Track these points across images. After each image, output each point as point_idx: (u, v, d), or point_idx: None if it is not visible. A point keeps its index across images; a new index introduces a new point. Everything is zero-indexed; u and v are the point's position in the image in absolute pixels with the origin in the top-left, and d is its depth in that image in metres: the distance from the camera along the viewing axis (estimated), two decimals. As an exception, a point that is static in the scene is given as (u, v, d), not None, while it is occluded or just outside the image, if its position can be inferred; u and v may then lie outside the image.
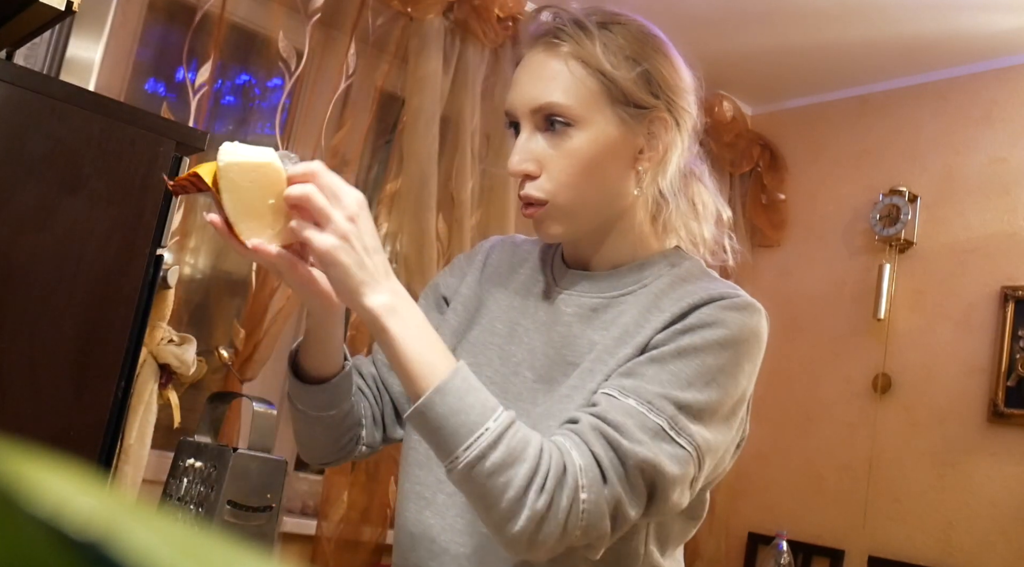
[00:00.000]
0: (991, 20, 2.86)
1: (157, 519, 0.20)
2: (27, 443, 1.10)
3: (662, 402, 0.90)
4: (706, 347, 0.93)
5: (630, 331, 0.98)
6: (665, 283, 1.02)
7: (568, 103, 0.98)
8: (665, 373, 0.92)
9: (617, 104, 0.99)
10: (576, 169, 0.98)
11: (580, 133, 0.98)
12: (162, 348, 2.00)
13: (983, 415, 2.86)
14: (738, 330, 0.95)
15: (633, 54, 1.01)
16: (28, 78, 1.28)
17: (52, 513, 0.19)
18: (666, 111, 1.02)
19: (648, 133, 1.01)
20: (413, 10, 2.73)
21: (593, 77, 0.98)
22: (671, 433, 0.90)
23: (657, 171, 1.03)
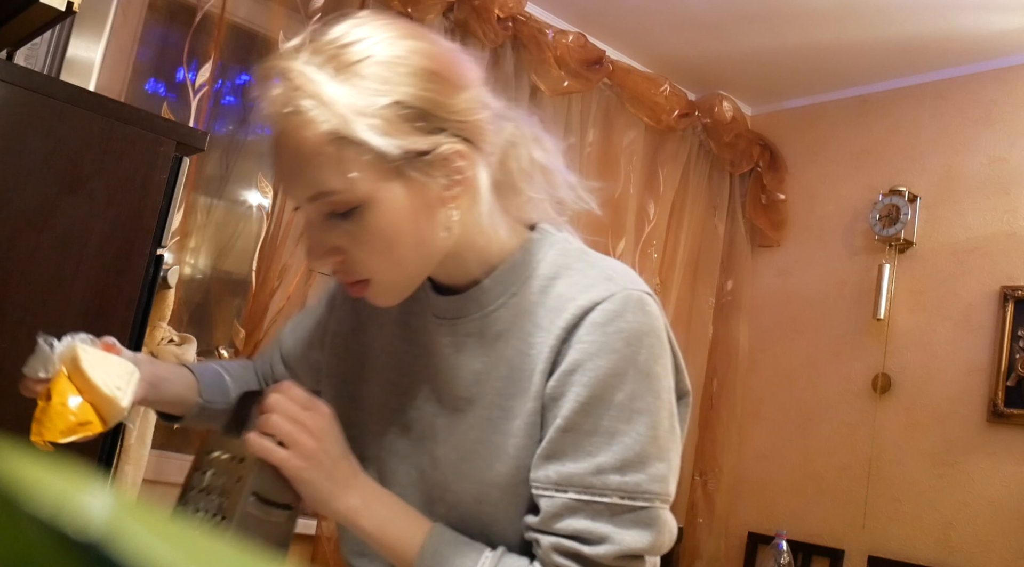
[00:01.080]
0: (991, 20, 2.86)
1: (157, 519, 0.20)
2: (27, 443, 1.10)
3: (599, 478, 0.84)
4: (604, 386, 0.85)
5: (516, 365, 0.90)
6: (535, 287, 0.92)
7: (342, 187, 0.82)
8: (583, 440, 0.85)
9: (400, 164, 0.83)
10: (381, 246, 0.86)
11: (370, 211, 0.84)
12: (162, 348, 2.00)
13: (983, 415, 2.86)
14: (625, 345, 0.86)
15: (392, 94, 0.83)
16: (28, 78, 1.28)
17: (52, 513, 0.19)
18: (454, 138, 0.86)
19: (445, 172, 0.86)
20: (413, 10, 2.73)
21: (358, 148, 0.82)
22: (626, 503, 0.85)
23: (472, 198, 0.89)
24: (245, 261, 2.54)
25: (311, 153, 0.82)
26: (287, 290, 2.49)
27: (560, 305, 0.89)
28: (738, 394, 3.45)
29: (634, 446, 0.85)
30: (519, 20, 2.96)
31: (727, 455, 3.42)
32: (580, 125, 3.18)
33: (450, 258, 0.92)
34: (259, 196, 2.64)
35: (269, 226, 2.51)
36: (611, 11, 3.12)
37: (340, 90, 0.82)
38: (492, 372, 0.91)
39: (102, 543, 0.18)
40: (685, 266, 3.45)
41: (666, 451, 0.88)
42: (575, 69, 3.07)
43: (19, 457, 0.20)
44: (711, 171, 3.60)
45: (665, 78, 3.37)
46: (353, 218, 0.84)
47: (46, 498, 0.19)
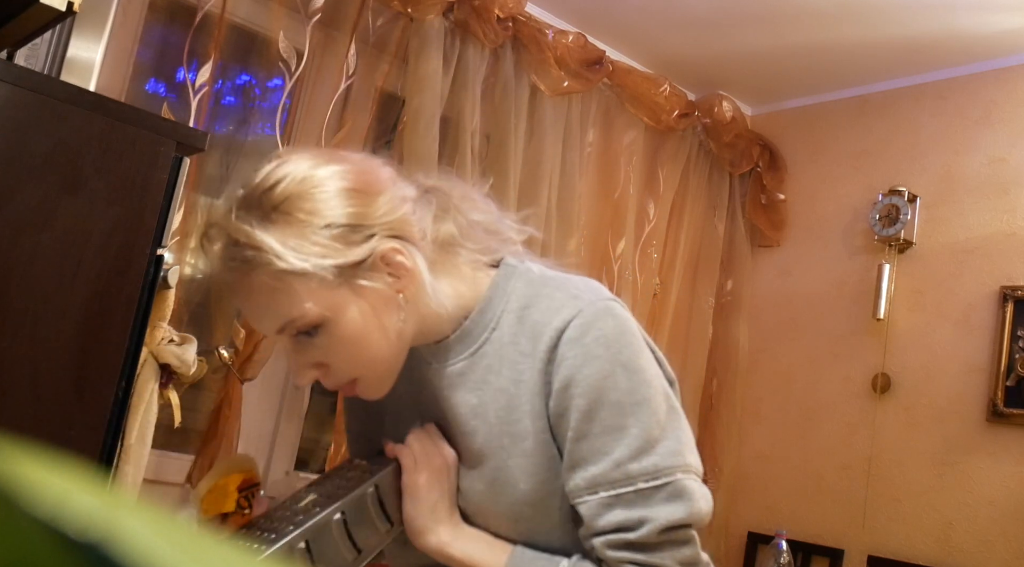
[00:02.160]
0: (991, 20, 2.86)
1: (157, 519, 0.20)
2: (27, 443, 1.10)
3: (620, 471, 0.94)
4: (598, 389, 0.95)
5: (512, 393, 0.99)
6: (511, 322, 1.01)
7: (300, 314, 0.92)
8: (595, 442, 0.94)
9: (345, 278, 0.93)
10: (352, 351, 0.96)
11: (334, 324, 0.94)
12: (162, 348, 2.01)
13: (982, 415, 2.86)
14: (605, 349, 0.95)
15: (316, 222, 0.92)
16: (29, 78, 1.28)
17: (52, 513, 0.19)
18: (386, 238, 0.95)
19: (386, 271, 0.95)
20: (413, 10, 2.73)
21: (304, 278, 0.91)
22: (651, 484, 0.94)
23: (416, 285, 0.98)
24: (245, 261, 2.54)
25: (264, 293, 0.92)
26: (287, 290, 2.49)
27: (538, 331, 0.98)
28: (738, 394, 3.45)
29: (641, 434, 0.94)
30: (519, 20, 2.96)
31: (727, 455, 3.41)
32: (580, 125, 3.18)
33: (422, 332, 1.02)
34: (259, 196, 2.63)
35: (269, 226, 2.51)
36: (611, 11, 3.12)
37: (271, 234, 0.91)
38: (489, 404, 1.01)
39: (102, 543, 0.19)
40: (685, 266, 3.45)
41: (672, 429, 0.97)
42: (575, 69, 3.07)
43: (19, 457, 0.20)
44: (711, 171, 3.60)
45: (665, 78, 3.37)
46: (320, 335, 0.94)
47: (46, 498, 0.19)
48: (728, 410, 3.45)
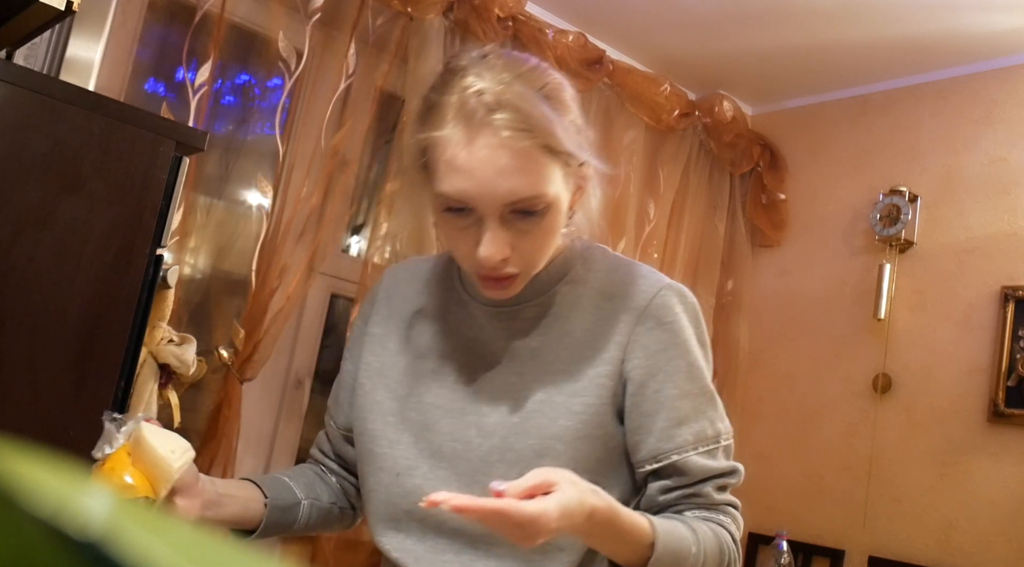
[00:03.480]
0: (991, 20, 2.86)
1: (157, 519, 0.20)
2: (27, 443, 1.10)
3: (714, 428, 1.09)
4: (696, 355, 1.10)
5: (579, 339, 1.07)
6: (595, 283, 1.10)
7: (543, 192, 0.98)
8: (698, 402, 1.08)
9: (569, 170, 1.02)
10: (545, 241, 1.03)
11: (551, 212, 1.00)
12: (162, 348, 2.00)
13: (983, 415, 2.86)
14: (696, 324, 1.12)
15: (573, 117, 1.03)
16: (28, 78, 1.28)
17: (52, 513, 0.19)
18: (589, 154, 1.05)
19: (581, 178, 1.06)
20: (413, 10, 2.73)
21: (556, 159, 0.98)
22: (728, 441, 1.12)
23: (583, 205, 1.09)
24: (245, 261, 2.54)
25: (524, 164, 0.96)
26: (287, 290, 2.49)
27: (623, 291, 1.08)
28: (738, 394, 3.45)
29: (717, 400, 1.11)
30: (519, 20, 2.96)
31: (727, 455, 3.41)
32: (580, 125, 3.17)
33: None
34: (259, 196, 2.63)
35: (269, 226, 2.51)
36: (611, 11, 3.12)
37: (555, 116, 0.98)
38: (550, 346, 1.07)
39: (102, 543, 0.18)
40: (685, 266, 3.45)
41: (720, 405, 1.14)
42: (575, 69, 3.07)
43: (19, 457, 0.20)
44: (711, 171, 3.60)
45: (665, 78, 3.37)
46: (535, 219, 0.99)
47: (46, 498, 0.19)
48: (728, 410, 3.43)
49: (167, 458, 0.96)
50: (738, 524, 1.13)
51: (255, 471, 2.68)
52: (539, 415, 1.04)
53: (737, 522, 1.13)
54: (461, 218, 1.00)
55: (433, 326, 1.15)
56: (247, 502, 1.13)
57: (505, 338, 1.09)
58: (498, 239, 0.98)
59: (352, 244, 3.05)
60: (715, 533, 1.06)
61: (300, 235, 2.54)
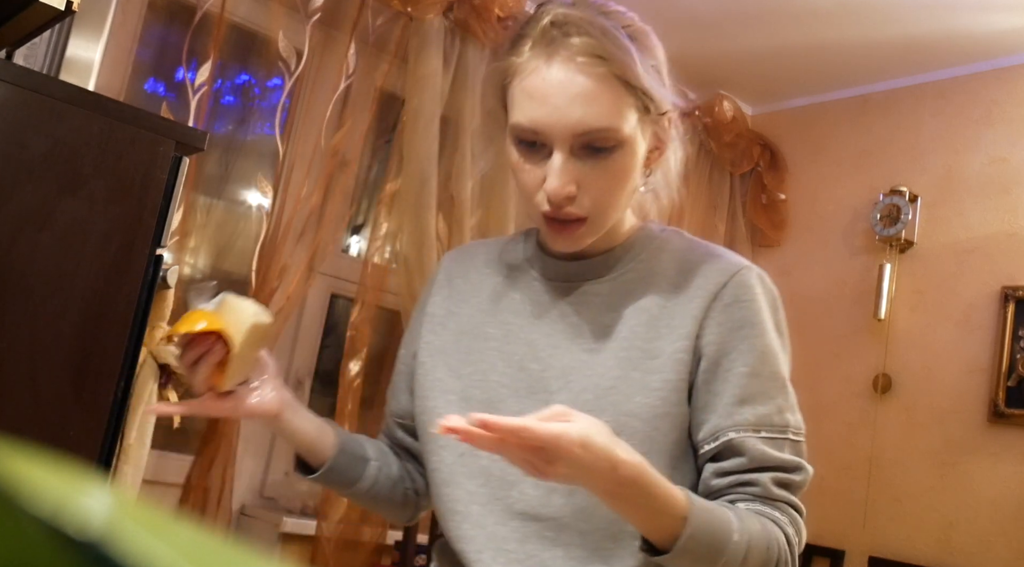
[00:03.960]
0: (991, 20, 2.86)
1: (157, 519, 0.20)
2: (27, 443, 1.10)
3: (781, 417, 1.02)
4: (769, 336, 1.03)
5: (659, 317, 1.03)
6: (670, 263, 1.07)
7: (616, 126, 0.96)
8: (768, 386, 1.02)
9: (647, 115, 1.00)
10: (616, 185, 1.00)
11: (622, 152, 0.98)
12: (162, 348, 2.00)
13: (983, 415, 2.86)
14: (775, 309, 1.06)
15: (655, 63, 1.02)
16: (28, 78, 1.28)
17: (52, 513, 0.19)
18: (671, 109, 1.04)
19: (656, 132, 1.03)
20: (413, 10, 2.73)
21: (632, 95, 0.97)
22: (797, 438, 1.04)
23: (660, 165, 1.07)
24: (245, 261, 2.54)
25: (596, 92, 0.95)
26: (287, 290, 2.49)
27: (701, 268, 1.05)
28: (738, 394, 3.44)
29: (791, 393, 1.06)
30: (519, 20, 2.95)
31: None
32: (580, 125, 3.17)
33: None
34: (259, 196, 2.63)
35: (269, 226, 2.51)
36: (611, 11, 3.12)
37: (632, 46, 0.97)
38: (624, 322, 1.03)
39: (102, 543, 0.18)
40: (685, 266, 3.45)
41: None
42: (575, 69, 3.06)
43: (19, 457, 0.20)
44: (711, 171, 3.60)
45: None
46: (605, 155, 0.97)
47: (46, 498, 0.19)
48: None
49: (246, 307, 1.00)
50: (798, 528, 1.02)
51: (255, 471, 2.68)
52: (614, 392, 0.99)
53: (797, 526, 1.02)
54: (533, 153, 0.99)
55: (497, 304, 1.12)
56: (321, 432, 1.11)
57: (575, 314, 1.06)
58: (566, 171, 0.97)
59: (352, 244, 3.05)
60: (764, 528, 0.96)
61: (300, 235, 2.54)
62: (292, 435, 1.09)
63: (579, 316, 1.05)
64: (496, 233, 2.79)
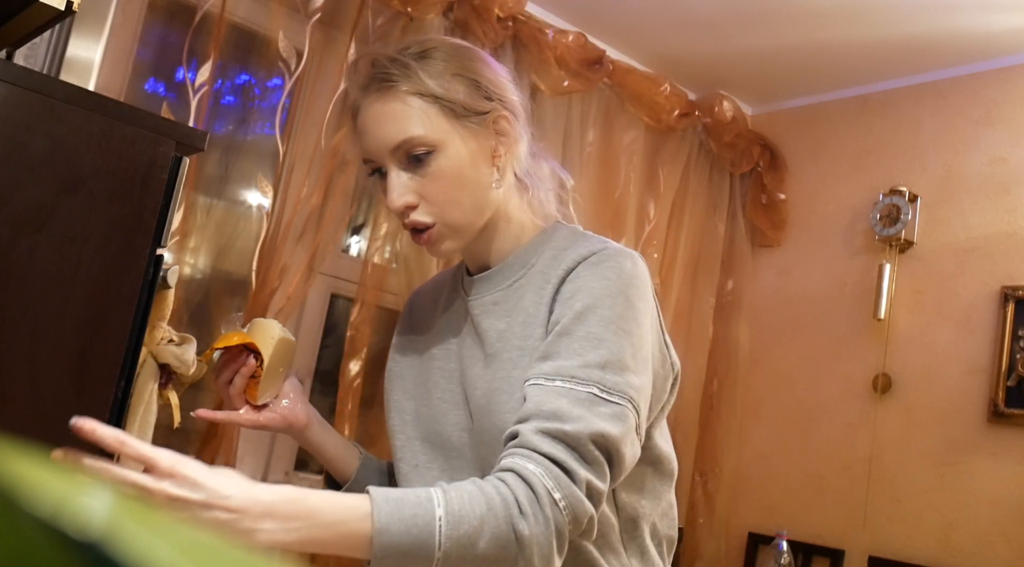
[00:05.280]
0: (991, 20, 2.86)
1: (157, 519, 0.20)
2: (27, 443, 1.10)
3: (584, 371, 0.97)
4: (597, 302, 1.02)
5: (531, 312, 1.08)
6: (548, 258, 1.12)
7: (422, 133, 1.07)
8: (575, 342, 1.00)
9: (462, 119, 1.09)
10: (449, 187, 1.08)
11: (441, 155, 1.08)
12: (162, 348, 2.00)
13: (983, 415, 2.86)
14: (616, 276, 1.04)
15: (456, 71, 1.10)
16: (28, 78, 1.28)
17: (52, 513, 0.19)
18: (503, 109, 1.12)
19: (495, 132, 1.12)
20: (413, 10, 2.73)
21: (433, 104, 1.07)
22: (603, 396, 0.97)
23: (511, 161, 1.14)
24: (245, 261, 2.54)
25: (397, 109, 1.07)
26: (287, 290, 2.49)
27: (563, 262, 1.09)
28: (738, 394, 3.44)
29: (618, 353, 0.99)
30: (519, 20, 2.96)
31: (727, 455, 3.41)
32: (580, 125, 3.18)
33: (486, 231, 1.14)
34: (259, 196, 2.63)
35: (269, 226, 2.51)
36: (611, 11, 3.12)
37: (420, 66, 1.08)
38: (513, 327, 1.10)
39: (102, 543, 0.18)
40: (685, 266, 3.45)
41: (645, 372, 1.03)
42: (575, 69, 3.07)
43: (19, 457, 0.20)
44: (711, 171, 3.60)
45: (665, 78, 3.37)
46: (427, 161, 1.07)
47: (46, 498, 0.19)
48: (728, 410, 3.45)
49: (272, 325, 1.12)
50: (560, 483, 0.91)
51: (255, 471, 2.68)
52: (499, 392, 1.05)
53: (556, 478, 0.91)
54: (380, 180, 1.12)
55: (438, 327, 1.22)
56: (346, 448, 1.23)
57: (481, 325, 1.14)
58: (398, 185, 1.08)
59: (352, 244, 3.05)
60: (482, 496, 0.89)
61: (300, 235, 2.54)
62: (320, 447, 1.21)
63: (483, 326, 1.13)
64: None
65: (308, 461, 2.88)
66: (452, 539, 0.87)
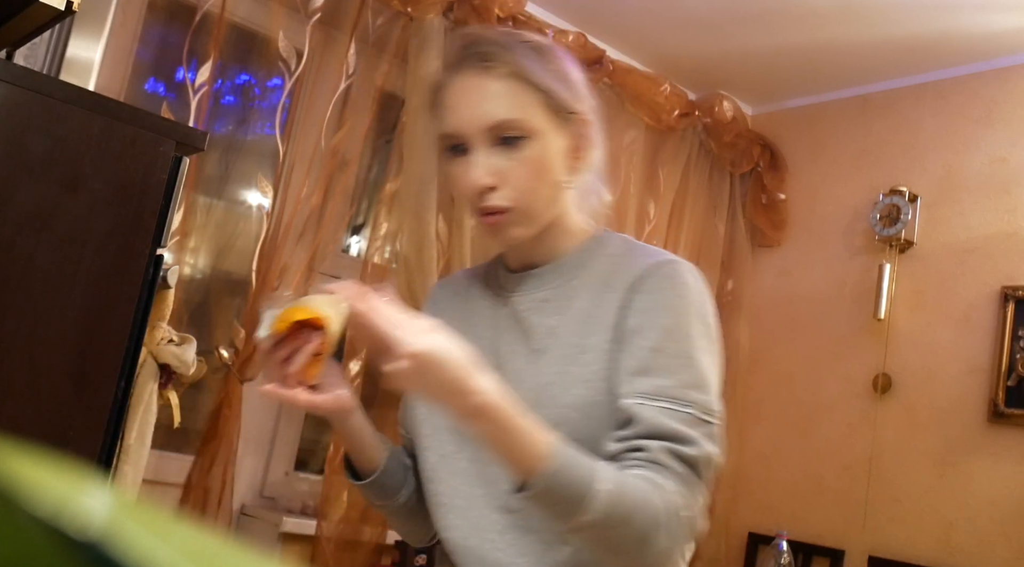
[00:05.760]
0: (991, 20, 2.86)
1: (157, 519, 0.20)
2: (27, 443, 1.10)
3: (682, 391, 1.02)
4: (681, 319, 1.07)
5: (591, 313, 1.10)
6: (606, 264, 1.14)
7: (520, 117, 1.08)
8: (668, 360, 1.04)
9: (555, 113, 1.10)
10: (533, 176, 1.09)
11: (534, 143, 1.09)
12: (162, 348, 2.00)
13: (983, 415, 2.86)
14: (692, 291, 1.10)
15: (556, 68, 1.13)
16: (28, 78, 1.28)
17: (52, 513, 0.19)
18: (589, 114, 1.15)
19: (577, 134, 1.14)
20: (413, 10, 2.73)
21: (535, 93, 1.09)
22: (703, 417, 1.03)
23: (585, 166, 1.16)
24: (245, 261, 2.54)
25: (498, 89, 1.08)
26: (288, 290, 2.49)
27: (631, 264, 1.12)
28: (738, 394, 3.44)
29: (705, 373, 1.06)
30: (519, 20, 2.96)
31: (727, 455, 3.39)
32: (580, 125, 3.17)
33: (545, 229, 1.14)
34: (259, 196, 2.63)
35: (269, 226, 2.51)
36: (611, 11, 3.12)
37: (524, 54, 1.10)
38: (567, 324, 1.12)
39: (102, 543, 0.18)
40: (685, 266, 3.44)
41: (718, 389, 1.09)
42: (575, 69, 3.06)
43: (19, 457, 0.20)
44: (711, 171, 3.60)
45: (665, 78, 3.37)
46: (518, 146, 1.08)
47: (46, 498, 0.19)
48: (729, 410, 3.42)
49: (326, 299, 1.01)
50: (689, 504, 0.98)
51: (255, 471, 2.68)
52: (553, 387, 1.08)
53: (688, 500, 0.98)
54: (459, 158, 1.11)
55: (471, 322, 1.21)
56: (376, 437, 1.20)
57: (526, 321, 1.15)
58: (482, 164, 1.08)
59: (352, 244, 3.05)
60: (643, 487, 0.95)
61: (300, 235, 2.54)
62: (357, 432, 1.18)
63: (529, 322, 1.15)
64: (496, 233, 2.79)
65: (307, 461, 2.88)
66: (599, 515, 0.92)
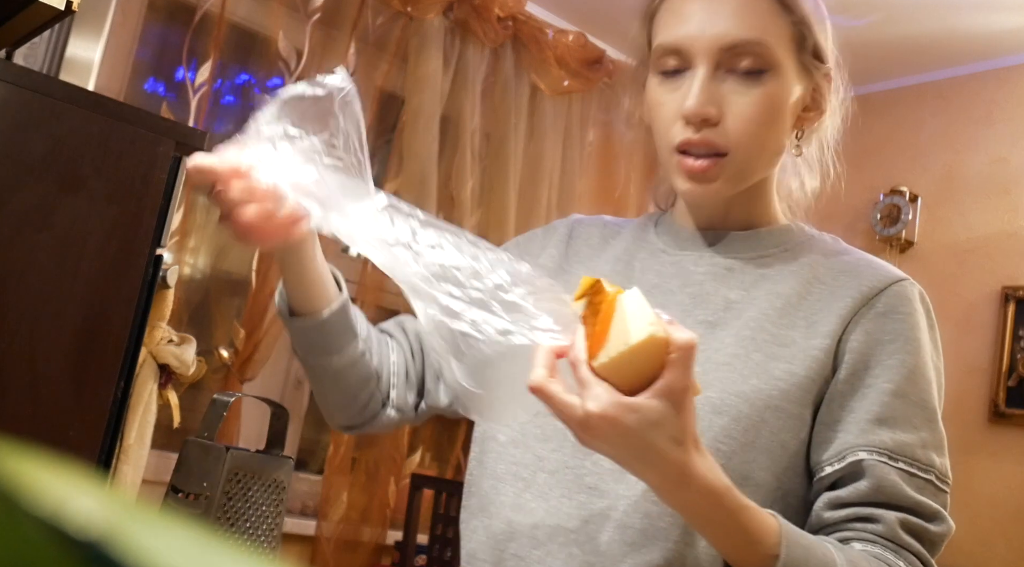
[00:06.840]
0: (991, 20, 2.86)
1: (157, 519, 0.20)
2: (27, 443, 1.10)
3: (924, 453, 0.91)
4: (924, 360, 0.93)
5: (795, 305, 0.91)
6: (819, 257, 0.96)
7: (765, 41, 0.88)
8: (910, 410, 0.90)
9: (804, 53, 0.92)
10: (763, 120, 0.90)
11: (775, 81, 0.90)
12: (162, 348, 2.00)
13: (984, 415, 2.86)
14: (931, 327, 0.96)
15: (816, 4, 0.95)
16: (28, 78, 1.28)
17: (52, 513, 0.19)
18: (833, 70, 0.98)
19: (815, 90, 0.97)
20: (413, 10, 2.73)
21: (788, 19, 0.90)
22: (940, 485, 0.92)
23: (811, 132, 1.00)
24: (245, 261, 2.54)
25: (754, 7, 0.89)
26: (287, 290, 2.49)
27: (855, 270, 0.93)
28: (738, 394, 3.44)
29: (941, 430, 0.93)
30: (519, 19, 2.96)
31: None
32: (580, 125, 3.18)
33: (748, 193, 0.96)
34: (259, 196, 2.63)
35: (269, 226, 2.51)
36: (611, 11, 3.12)
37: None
38: (753, 303, 0.92)
39: (102, 543, 0.18)
40: (685, 266, 3.45)
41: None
42: (575, 69, 3.07)
43: (18, 457, 0.20)
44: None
45: (665, 78, 3.37)
46: (753, 79, 0.89)
47: (46, 498, 0.19)
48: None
49: None
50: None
51: (255, 471, 2.68)
52: (728, 369, 0.87)
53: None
54: (675, 82, 0.91)
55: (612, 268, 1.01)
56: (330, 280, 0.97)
57: (698, 285, 0.95)
58: (707, 89, 0.88)
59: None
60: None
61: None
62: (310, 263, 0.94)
63: (702, 287, 0.94)
64: (496, 233, 2.79)
65: (307, 461, 2.88)
66: None
